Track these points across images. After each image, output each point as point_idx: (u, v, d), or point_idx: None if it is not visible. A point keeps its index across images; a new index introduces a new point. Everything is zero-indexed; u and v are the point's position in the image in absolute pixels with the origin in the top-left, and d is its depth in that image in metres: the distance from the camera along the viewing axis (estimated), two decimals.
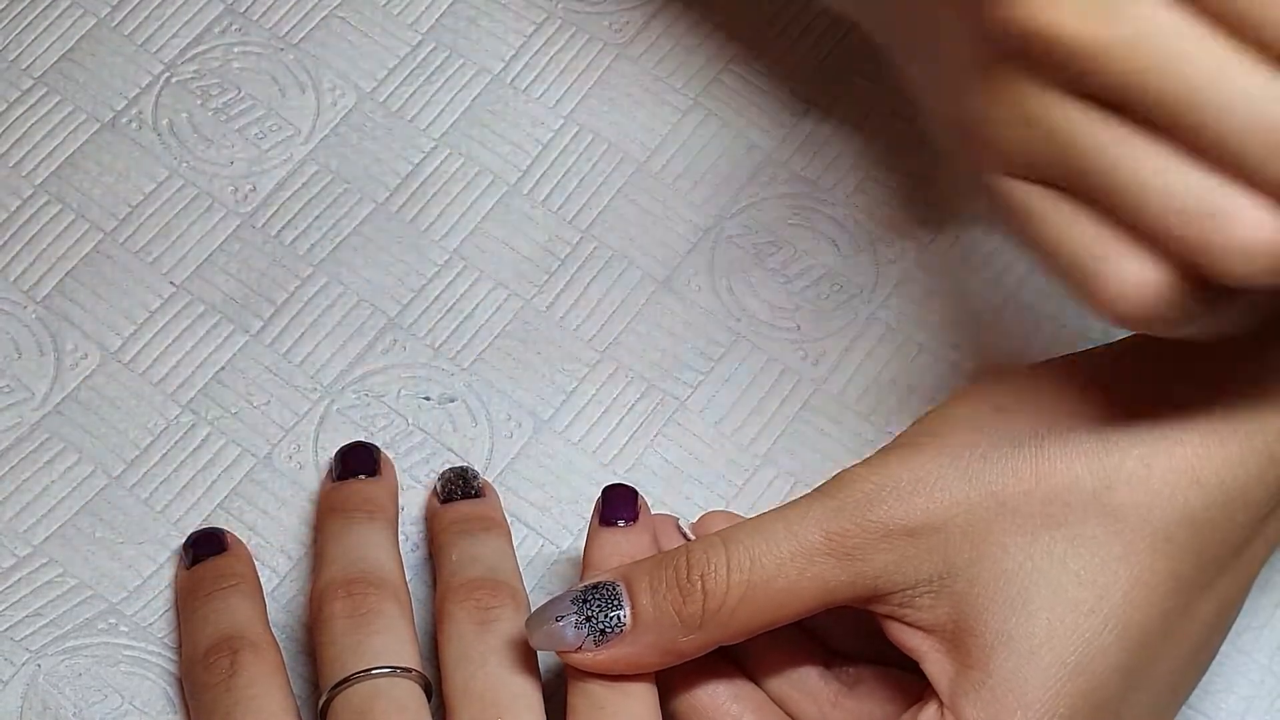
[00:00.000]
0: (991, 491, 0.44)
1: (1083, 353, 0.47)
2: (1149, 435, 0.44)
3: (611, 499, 0.51)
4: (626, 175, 0.61)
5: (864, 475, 0.46)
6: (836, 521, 0.45)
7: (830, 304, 0.59)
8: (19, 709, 0.51)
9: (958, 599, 0.45)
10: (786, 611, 0.46)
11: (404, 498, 0.55)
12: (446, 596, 0.50)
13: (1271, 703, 0.54)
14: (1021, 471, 0.44)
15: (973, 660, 0.44)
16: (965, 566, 0.44)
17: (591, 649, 0.46)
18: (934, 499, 0.45)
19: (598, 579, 0.47)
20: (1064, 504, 0.44)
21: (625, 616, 0.46)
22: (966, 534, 0.44)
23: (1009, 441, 0.45)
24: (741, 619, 0.46)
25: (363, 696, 0.48)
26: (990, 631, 0.44)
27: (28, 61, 0.62)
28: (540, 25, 0.63)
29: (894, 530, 0.45)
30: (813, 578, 0.45)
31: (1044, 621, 0.44)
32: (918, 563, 0.45)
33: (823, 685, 0.49)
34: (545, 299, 0.59)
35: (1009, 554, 0.44)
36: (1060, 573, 0.44)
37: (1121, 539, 0.44)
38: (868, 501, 0.45)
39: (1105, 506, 0.44)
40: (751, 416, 0.57)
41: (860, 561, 0.45)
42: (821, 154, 0.61)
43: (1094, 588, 0.44)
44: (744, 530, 0.46)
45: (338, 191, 0.60)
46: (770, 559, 0.45)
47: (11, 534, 0.55)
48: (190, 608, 0.52)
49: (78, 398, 0.57)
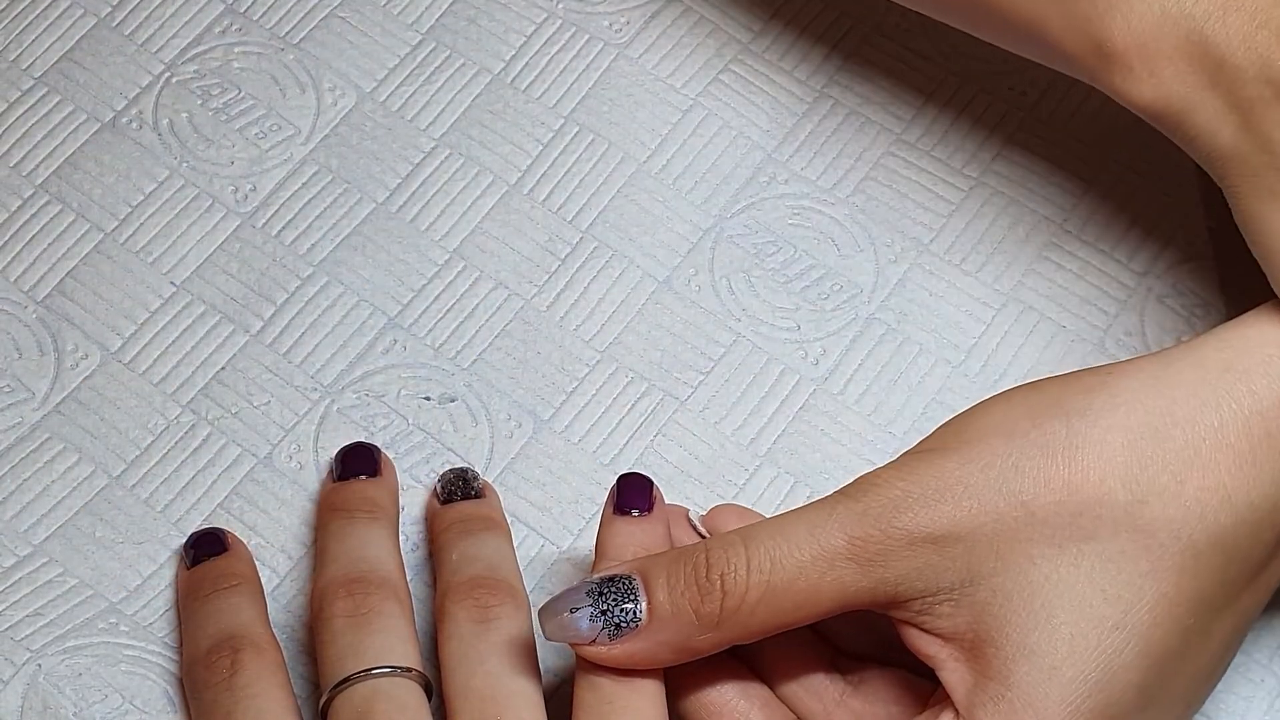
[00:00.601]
0: (1022, 501, 0.44)
1: (1117, 365, 0.46)
2: (1185, 451, 0.44)
3: (626, 487, 0.50)
4: (626, 175, 0.61)
5: (890, 480, 0.45)
6: (860, 526, 0.44)
7: (830, 304, 0.59)
8: (19, 709, 0.51)
9: (979, 609, 0.44)
10: (804, 614, 0.45)
11: (404, 498, 0.55)
12: (447, 596, 0.50)
13: (1271, 703, 0.54)
14: (1054, 482, 0.44)
15: (992, 671, 0.44)
16: (989, 576, 0.44)
17: (606, 643, 0.46)
18: (961, 507, 0.44)
19: (613, 571, 0.46)
20: (1095, 517, 0.44)
21: (641, 611, 0.46)
22: (992, 543, 0.44)
23: (1041, 451, 0.44)
24: (760, 619, 0.45)
25: (363, 696, 0.48)
26: (1011, 644, 0.43)
27: (28, 61, 0.62)
28: (540, 25, 0.63)
29: (919, 538, 0.44)
30: (833, 581, 0.45)
31: (1067, 636, 0.43)
32: (941, 570, 0.44)
33: (829, 684, 0.49)
34: (545, 299, 0.59)
35: (1035, 565, 0.44)
36: (1086, 587, 0.43)
37: (1150, 555, 0.43)
38: (893, 507, 0.44)
39: (1136, 521, 0.44)
40: (751, 416, 0.57)
41: (882, 568, 0.44)
42: (821, 154, 0.61)
43: (1119, 604, 0.43)
44: (765, 530, 0.45)
45: (338, 191, 0.60)
46: (791, 561, 0.45)
47: (12, 534, 0.55)
48: (191, 607, 0.52)
49: (78, 398, 0.57)
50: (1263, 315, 0.46)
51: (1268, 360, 0.45)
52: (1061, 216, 0.60)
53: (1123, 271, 0.60)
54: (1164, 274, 0.60)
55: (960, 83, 0.62)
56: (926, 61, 0.63)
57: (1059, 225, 0.60)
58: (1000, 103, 0.62)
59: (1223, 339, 0.46)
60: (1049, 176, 0.61)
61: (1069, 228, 0.60)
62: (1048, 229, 0.60)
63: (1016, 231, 0.60)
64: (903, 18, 0.63)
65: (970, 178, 0.61)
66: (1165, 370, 0.46)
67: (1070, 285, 0.59)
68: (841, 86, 0.62)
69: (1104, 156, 0.61)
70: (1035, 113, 0.62)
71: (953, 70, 0.62)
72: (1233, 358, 0.45)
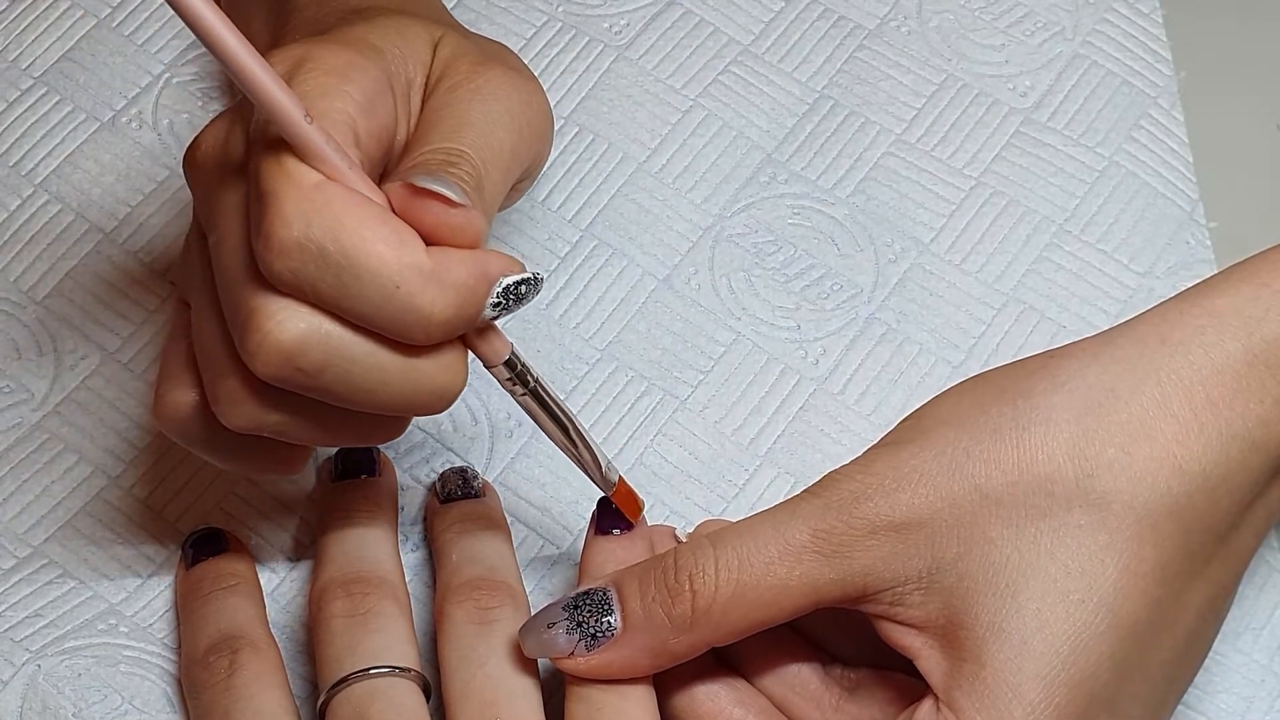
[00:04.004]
0: (976, 484, 0.45)
1: (1062, 348, 0.47)
2: (1130, 424, 0.45)
3: (606, 510, 0.51)
4: (626, 175, 0.61)
5: (850, 474, 0.46)
6: (823, 519, 0.45)
7: (830, 304, 0.59)
8: (19, 709, 0.51)
9: (948, 594, 0.45)
10: (776, 611, 0.46)
11: (404, 498, 0.55)
12: (446, 597, 0.50)
13: (1271, 703, 0.54)
14: (1004, 463, 0.45)
15: (965, 653, 0.44)
16: (954, 561, 0.45)
17: (583, 654, 0.47)
18: (919, 494, 0.45)
19: (588, 586, 0.47)
20: (1047, 494, 0.44)
21: (616, 621, 0.47)
22: (953, 528, 0.45)
23: (991, 435, 0.45)
24: (733, 619, 0.46)
25: (361, 696, 0.48)
26: (981, 624, 0.44)
27: (28, 61, 0.62)
28: (540, 28, 0.63)
29: (880, 526, 0.45)
30: (801, 576, 0.45)
31: (1034, 612, 0.44)
32: (906, 559, 0.45)
33: (823, 690, 0.49)
34: (545, 298, 0.59)
35: (996, 546, 0.44)
36: (1048, 563, 0.44)
37: (1106, 527, 0.44)
38: (854, 499, 0.45)
39: (1089, 495, 0.44)
40: (751, 416, 0.57)
41: (848, 559, 0.45)
42: (821, 154, 0.61)
43: (1083, 577, 0.44)
44: (733, 531, 0.46)
45: None
46: (759, 558, 0.45)
47: (11, 534, 0.55)
48: (190, 608, 0.52)
49: (77, 398, 0.57)
50: (1197, 288, 0.47)
51: (1200, 330, 0.45)
52: (1062, 216, 0.60)
53: (1123, 272, 0.59)
54: (1164, 275, 0.59)
55: (960, 83, 0.62)
56: (926, 62, 0.63)
57: (1059, 225, 0.60)
58: (1000, 103, 0.62)
59: (1158, 314, 0.47)
60: (1049, 176, 0.61)
61: (1069, 228, 0.60)
62: (1048, 229, 0.60)
63: (1017, 231, 0.60)
64: (903, 19, 0.63)
65: (970, 178, 0.61)
66: (1105, 348, 0.46)
67: (1070, 285, 0.59)
68: (841, 87, 0.62)
69: (1104, 156, 0.61)
70: (1035, 113, 0.62)
71: (953, 70, 0.63)
72: (1168, 331, 0.46)
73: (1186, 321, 0.46)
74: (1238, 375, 0.45)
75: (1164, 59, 0.63)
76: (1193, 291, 0.47)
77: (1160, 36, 0.64)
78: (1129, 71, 0.63)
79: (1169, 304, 0.47)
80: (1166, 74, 0.63)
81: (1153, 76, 0.63)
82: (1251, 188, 0.62)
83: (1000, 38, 0.63)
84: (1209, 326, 0.45)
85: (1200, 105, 0.63)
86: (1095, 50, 0.63)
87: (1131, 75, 0.63)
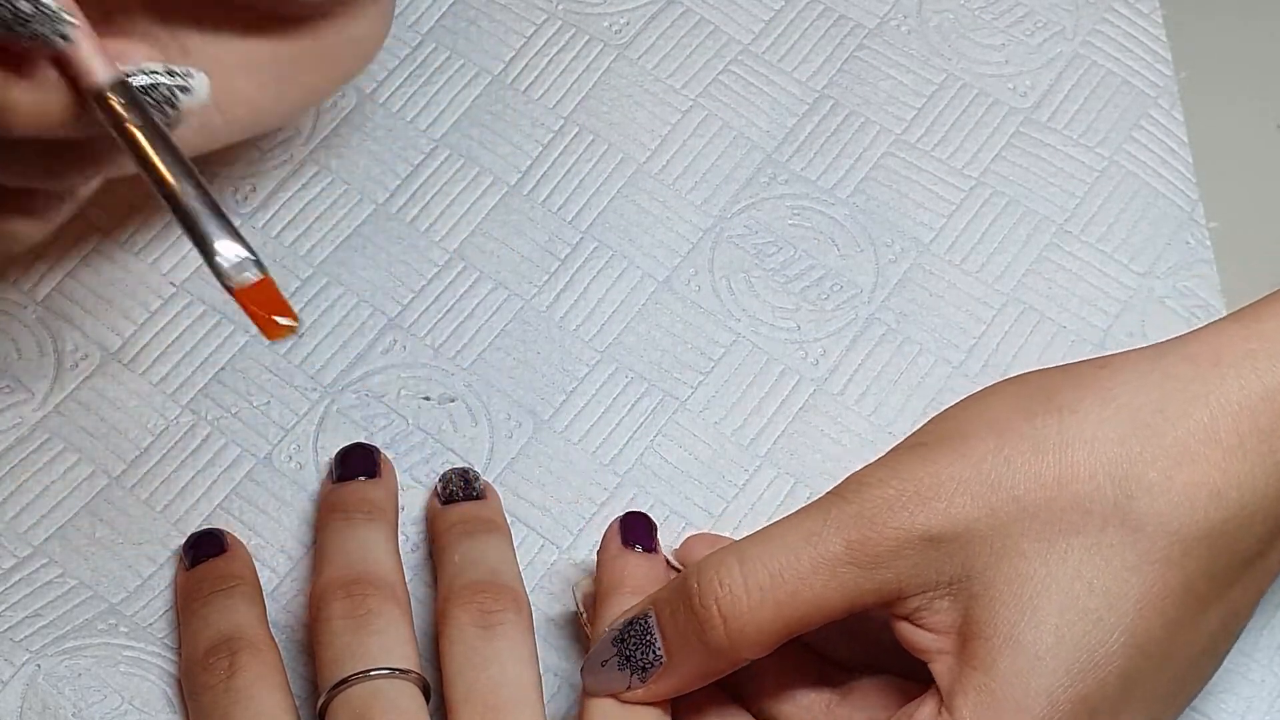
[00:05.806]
0: (1014, 496, 0.44)
1: (1110, 359, 0.47)
2: (1174, 448, 0.44)
3: (633, 523, 0.51)
4: (626, 175, 0.60)
5: (883, 479, 0.45)
6: (857, 529, 0.45)
7: (830, 304, 0.59)
8: (19, 709, 0.51)
9: (972, 601, 0.44)
10: (816, 620, 0.46)
11: (404, 498, 0.55)
12: (449, 599, 0.50)
13: (1271, 703, 0.54)
14: (1045, 478, 0.44)
15: (977, 661, 0.44)
16: (982, 570, 0.44)
17: (639, 685, 0.47)
18: (955, 504, 0.44)
19: (631, 615, 0.48)
20: (1084, 512, 0.44)
21: (659, 650, 0.47)
22: (987, 539, 0.44)
23: (1033, 447, 0.44)
24: (769, 634, 0.45)
25: (361, 697, 0.48)
26: (999, 635, 0.44)
27: None
28: (540, 26, 0.63)
29: (916, 537, 0.44)
30: (839, 588, 0.45)
31: (1053, 627, 0.43)
32: (940, 566, 0.45)
33: (815, 695, 0.49)
34: (545, 299, 0.59)
35: (1026, 559, 0.44)
36: (1074, 580, 0.44)
37: (1137, 549, 0.44)
38: (888, 507, 0.45)
39: (1125, 516, 0.44)
40: (751, 416, 0.57)
41: (885, 569, 0.45)
42: (821, 154, 0.61)
43: (1106, 596, 0.43)
44: (759, 543, 0.46)
45: (338, 192, 0.60)
46: (792, 573, 0.45)
47: (11, 534, 0.55)
48: (190, 609, 0.52)
49: (78, 398, 0.57)
50: (1252, 307, 0.47)
51: (1252, 354, 0.45)
52: (1062, 216, 0.60)
53: (1124, 272, 0.59)
54: (1165, 275, 0.59)
55: (960, 82, 0.62)
56: (926, 61, 0.63)
57: (1059, 225, 0.60)
58: (1000, 103, 0.62)
59: (1212, 332, 0.46)
60: (1049, 176, 0.61)
61: (1069, 228, 0.60)
62: (1048, 229, 0.60)
63: (1017, 231, 0.60)
64: (903, 19, 0.63)
65: (970, 178, 0.61)
66: (1157, 365, 0.46)
67: (1070, 285, 0.59)
68: (841, 86, 0.62)
69: (1104, 156, 0.61)
70: (1035, 113, 0.62)
71: (953, 70, 0.62)
72: (1222, 352, 0.45)
73: (1237, 345, 0.45)
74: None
75: (1164, 59, 0.63)
76: (1247, 311, 0.46)
77: (1160, 36, 0.64)
78: (1129, 71, 0.63)
79: (1222, 323, 0.46)
80: (1166, 74, 0.63)
81: (1153, 76, 0.63)
82: (1251, 188, 0.62)
83: (1000, 37, 0.63)
84: (1260, 351, 0.45)
85: (1200, 105, 0.63)
86: (1095, 50, 0.63)
87: (1131, 75, 0.63)
